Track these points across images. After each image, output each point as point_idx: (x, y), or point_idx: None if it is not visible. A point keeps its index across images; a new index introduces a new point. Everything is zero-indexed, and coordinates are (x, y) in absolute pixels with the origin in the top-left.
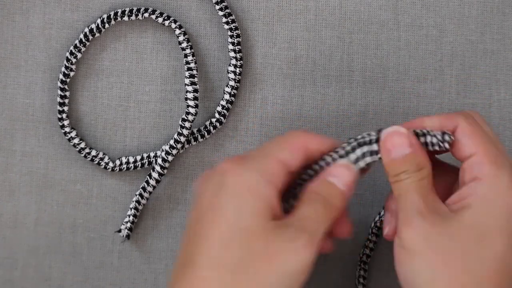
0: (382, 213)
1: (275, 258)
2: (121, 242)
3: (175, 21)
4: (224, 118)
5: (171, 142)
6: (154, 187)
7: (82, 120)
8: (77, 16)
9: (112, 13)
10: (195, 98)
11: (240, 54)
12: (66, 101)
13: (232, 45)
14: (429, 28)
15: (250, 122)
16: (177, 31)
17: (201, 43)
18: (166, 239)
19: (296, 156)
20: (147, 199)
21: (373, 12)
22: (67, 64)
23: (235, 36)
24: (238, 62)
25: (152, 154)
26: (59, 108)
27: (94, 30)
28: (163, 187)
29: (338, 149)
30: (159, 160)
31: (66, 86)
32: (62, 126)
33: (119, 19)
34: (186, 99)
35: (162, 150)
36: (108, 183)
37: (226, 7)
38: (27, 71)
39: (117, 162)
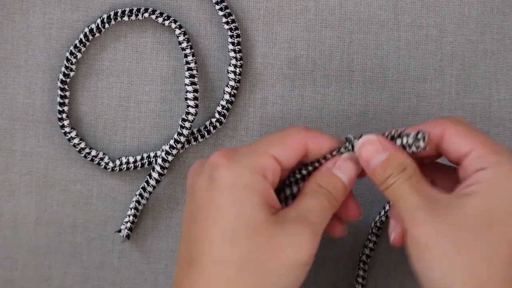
0: (382, 213)
1: (281, 251)
2: (121, 242)
3: (175, 21)
4: (224, 118)
5: (171, 142)
6: (154, 187)
7: (82, 120)
8: (77, 16)
9: (112, 13)
10: (195, 98)
11: (240, 54)
12: (66, 101)
13: (232, 45)
14: (429, 28)
15: (250, 122)
16: (177, 31)
17: (201, 43)
18: (166, 239)
19: (292, 155)
20: (147, 199)
21: (373, 12)
22: (67, 64)
23: (235, 36)
24: (238, 62)
25: (152, 154)
26: (59, 108)
27: (94, 30)
28: (163, 187)
29: (341, 148)
30: (159, 160)
31: (66, 86)
32: (62, 126)
33: (119, 19)
34: (186, 99)
35: (162, 150)
36: (108, 183)
37: (226, 7)
38: (27, 71)
39: (117, 162)
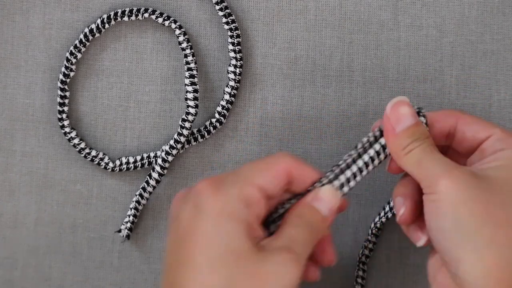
0: (382, 214)
1: (265, 280)
2: (121, 242)
3: (175, 21)
4: (224, 118)
5: (171, 142)
6: (154, 187)
7: (82, 120)
8: (77, 16)
9: (112, 13)
10: (195, 98)
11: (240, 54)
12: (66, 101)
13: (232, 45)
14: (429, 28)
15: (250, 122)
16: (177, 31)
17: (201, 43)
18: (166, 239)
19: (276, 183)
20: (147, 199)
21: (373, 12)
22: (67, 64)
23: (235, 36)
24: (238, 62)
25: (152, 154)
26: (59, 108)
27: (94, 30)
28: (163, 187)
29: (322, 179)
30: (159, 160)
31: (66, 86)
32: (62, 126)
33: (119, 19)
34: (186, 99)
35: (162, 150)
36: (108, 183)
37: (226, 7)
38: (27, 71)
39: (117, 162)
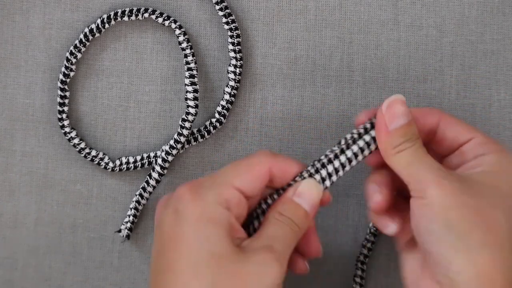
0: None
1: (246, 281)
2: (121, 242)
3: (175, 21)
4: (224, 118)
5: (171, 142)
6: (154, 187)
7: (82, 120)
8: (77, 16)
9: (112, 13)
10: (195, 98)
11: (240, 54)
12: (66, 101)
13: (232, 45)
14: (429, 28)
15: (250, 122)
16: (177, 31)
17: (201, 43)
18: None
19: (257, 184)
20: (147, 199)
21: (373, 12)
22: (67, 64)
23: (235, 36)
24: (238, 62)
25: (152, 154)
26: (59, 108)
27: (94, 30)
28: (163, 187)
29: (303, 173)
30: (159, 160)
31: (66, 86)
32: (62, 126)
33: (119, 19)
34: (186, 99)
35: (162, 150)
36: (108, 183)
37: (226, 7)
38: (27, 71)
39: (117, 162)
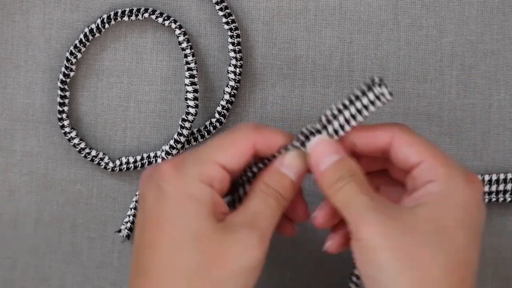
0: None
1: (227, 258)
2: (121, 242)
3: (175, 21)
4: (224, 118)
5: (171, 142)
6: None
7: (82, 120)
8: (77, 16)
9: (112, 13)
10: (195, 98)
11: (240, 54)
12: (66, 101)
13: (232, 45)
14: (429, 28)
15: None
16: (177, 31)
17: (201, 43)
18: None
19: (240, 159)
20: None
21: (373, 12)
22: (67, 64)
23: (235, 36)
24: (238, 62)
25: (152, 154)
26: (59, 108)
27: (94, 30)
28: None
29: (288, 146)
30: (159, 160)
31: (66, 86)
32: (62, 126)
33: (119, 19)
34: (186, 99)
35: (162, 150)
36: (108, 183)
37: (226, 7)
38: (27, 71)
39: (117, 162)
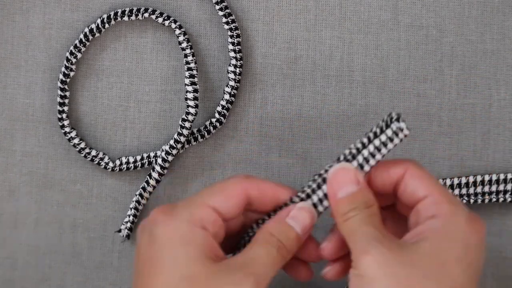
0: None
1: None
2: (121, 242)
3: (175, 21)
4: (224, 118)
5: (171, 142)
6: (154, 187)
7: (82, 120)
8: (77, 16)
9: (112, 13)
10: (195, 98)
11: (240, 54)
12: (66, 101)
13: (232, 45)
14: (429, 28)
15: (250, 122)
16: (177, 31)
17: (201, 43)
18: None
19: (233, 204)
20: (147, 199)
21: (373, 12)
22: (67, 64)
23: (235, 36)
24: (238, 62)
25: (152, 154)
26: (59, 108)
27: (94, 30)
28: (163, 187)
29: (294, 198)
30: (159, 160)
31: (66, 86)
32: (62, 126)
33: (119, 19)
34: (186, 99)
35: (162, 150)
36: (108, 183)
37: (226, 7)
38: (27, 71)
39: (117, 162)
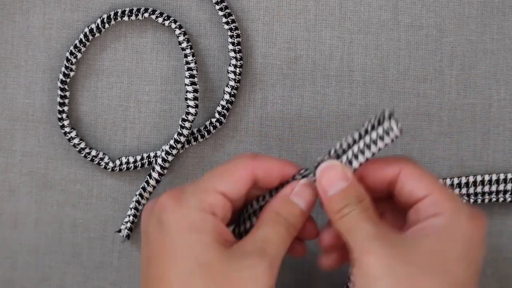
0: None
1: (237, 286)
2: (121, 242)
3: (175, 21)
4: (224, 118)
5: (171, 142)
6: (154, 187)
7: (82, 120)
8: (77, 16)
9: (112, 13)
10: (195, 98)
11: (240, 54)
12: (66, 101)
13: (232, 45)
14: (429, 28)
15: (250, 122)
16: (177, 31)
17: (201, 43)
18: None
19: (240, 186)
20: (147, 199)
21: (373, 12)
22: (67, 64)
23: (235, 36)
24: (238, 62)
25: (152, 154)
26: (59, 108)
27: (94, 30)
28: (163, 187)
29: (297, 176)
30: (159, 160)
31: (66, 86)
32: (62, 126)
33: (119, 19)
34: (186, 99)
35: (162, 150)
36: (108, 183)
37: (226, 7)
38: (27, 71)
39: (117, 162)
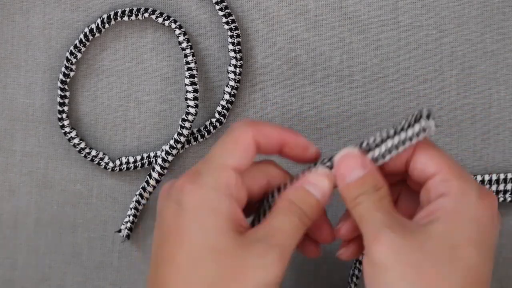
0: None
1: (246, 273)
2: (121, 242)
3: (175, 21)
4: (224, 118)
5: (171, 142)
6: (154, 187)
7: (82, 120)
8: (77, 16)
9: (112, 13)
10: (195, 98)
11: (240, 54)
12: (66, 101)
13: (232, 45)
14: (429, 28)
15: None
16: (177, 31)
17: (201, 43)
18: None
19: (247, 155)
20: (147, 199)
21: (373, 12)
22: (67, 64)
23: (235, 36)
24: (238, 62)
25: (152, 154)
26: (59, 108)
27: (94, 30)
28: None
29: (311, 167)
30: (159, 160)
31: (66, 86)
32: (62, 126)
33: (119, 19)
34: (186, 99)
35: (162, 150)
36: (108, 183)
37: (226, 7)
38: (27, 71)
39: (117, 162)
